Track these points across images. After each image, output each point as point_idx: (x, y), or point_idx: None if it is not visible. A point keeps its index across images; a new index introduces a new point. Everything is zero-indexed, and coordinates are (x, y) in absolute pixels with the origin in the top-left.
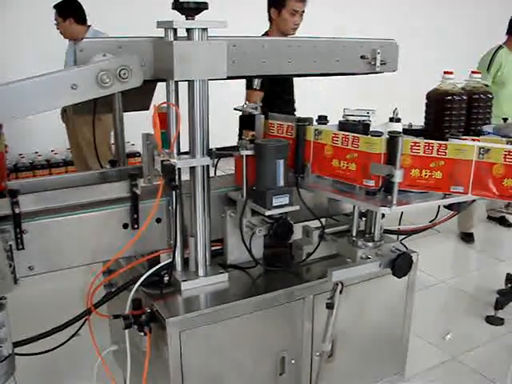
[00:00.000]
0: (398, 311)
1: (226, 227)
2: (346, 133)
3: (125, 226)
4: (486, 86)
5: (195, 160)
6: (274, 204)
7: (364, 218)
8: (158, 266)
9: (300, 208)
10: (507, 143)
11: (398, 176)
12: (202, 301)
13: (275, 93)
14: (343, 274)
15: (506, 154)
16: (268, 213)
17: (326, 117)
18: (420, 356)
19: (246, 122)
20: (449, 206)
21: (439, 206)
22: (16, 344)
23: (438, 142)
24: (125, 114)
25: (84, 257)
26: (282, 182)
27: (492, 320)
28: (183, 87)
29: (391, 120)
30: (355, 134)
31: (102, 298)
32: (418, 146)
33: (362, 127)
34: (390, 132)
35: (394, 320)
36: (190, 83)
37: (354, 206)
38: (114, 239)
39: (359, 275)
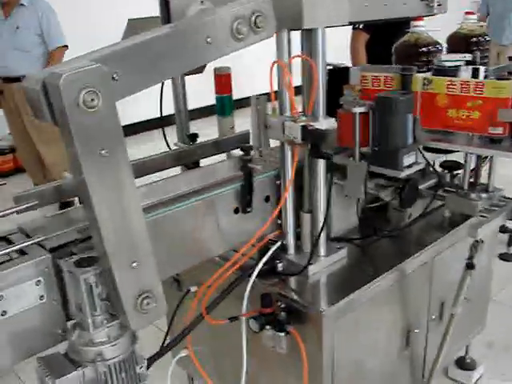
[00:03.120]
0: (485, 266)
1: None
2: (466, 78)
3: (235, 210)
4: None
5: (325, 121)
6: (405, 164)
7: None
8: (272, 250)
9: None
10: None
11: None
12: (338, 284)
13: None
14: (485, 229)
15: None
16: (402, 175)
17: None
18: None
19: (334, 75)
20: None
21: None
22: None
23: None
24: None
25: (196, 255)
26: (410, 140)
27: (506, 257)
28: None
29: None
30: (478, 80)
31: (214, 301)
32: None
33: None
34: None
35: (483, 274)
36: (308, 33)
37: (465, 158)
38: (227, 228)
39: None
